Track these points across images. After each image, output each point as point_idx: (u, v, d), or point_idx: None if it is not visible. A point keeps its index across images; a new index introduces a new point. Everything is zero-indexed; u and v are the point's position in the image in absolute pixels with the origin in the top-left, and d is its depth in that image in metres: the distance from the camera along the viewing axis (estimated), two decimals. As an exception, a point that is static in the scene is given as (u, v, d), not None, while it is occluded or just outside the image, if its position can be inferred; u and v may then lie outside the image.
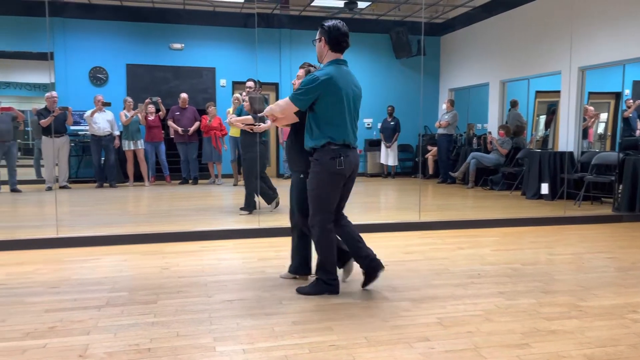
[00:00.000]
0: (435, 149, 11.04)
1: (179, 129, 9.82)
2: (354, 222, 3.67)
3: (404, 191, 9.35)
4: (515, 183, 8.82)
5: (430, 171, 11.40)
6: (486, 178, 9.53)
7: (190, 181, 10.11)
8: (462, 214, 6.61)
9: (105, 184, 9.61)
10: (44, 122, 8.79)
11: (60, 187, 9.14)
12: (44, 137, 8.96)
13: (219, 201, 8.17)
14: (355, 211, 7.00)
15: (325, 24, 3.38)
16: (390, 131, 11.37)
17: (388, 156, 11.48)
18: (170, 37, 10.97)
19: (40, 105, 9.52)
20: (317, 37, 3.42)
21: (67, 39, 10.38)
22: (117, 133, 9.65)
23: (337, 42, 3.37)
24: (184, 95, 10.06)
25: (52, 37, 10.20)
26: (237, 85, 11.34)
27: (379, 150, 11.70)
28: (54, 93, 9.09)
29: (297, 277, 3.79)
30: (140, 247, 4.78)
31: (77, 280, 3.73)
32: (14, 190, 8.68)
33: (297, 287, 3.53)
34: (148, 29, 10.84)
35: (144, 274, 3.92)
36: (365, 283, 3.54)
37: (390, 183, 10.69)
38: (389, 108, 11.49)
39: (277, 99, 11.65)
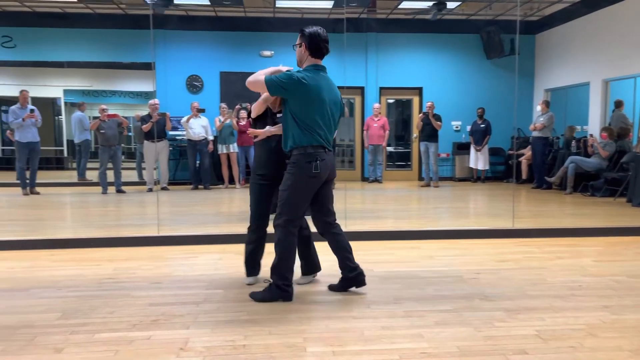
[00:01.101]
0: (529, 152, 10.52)
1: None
2: (441, 228, 3.59)
3: (495, 196, 8.99)
4: (620, 189, 8.19)
5: (524, 176, 10.87)
6: (586, 184, 8.93)
7: (278, 184, 10.35)
8: (559, 221, 6.24)
9: (200, 186, 10.10)
10: (146, 127, 9.42)
11: (161, 189, 9.74)
12: (145, 142, 9.59)
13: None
14: (444, 216, 6.84)
15: (306, 30, 3.41)
16: (480, 134, 10.99)
17: (478, 160, 11.09)
18: (260, 45, 11.34)
19: (142, 112, 10.23)
20: (297, 42, 3.45)
21: (167, 50, 11.06)
22: (211, 138, 10.11)
23: (317, 48, 3.40)
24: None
25: (153, 48, 10.91)
26: (324, 89, 11.48)
27: (468, 153, 11.34)
28: (156, 100, 9.71)
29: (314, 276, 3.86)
30: (235, 247, 4.97)
31: (177, 277, 3.96)
32: (119, 191, 9.36)
33: (250, 293, 3.47)
34: (240, 37, 11.29)
35: (238, 273, 4.08)
36: (337, 288, 3.57)
37: (480, 188, 10.32)
38: (479, 110, 11.11)
39: (362, 103, 11.68)
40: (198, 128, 9.94)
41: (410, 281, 3.85)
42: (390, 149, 11.94)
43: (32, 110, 8.67)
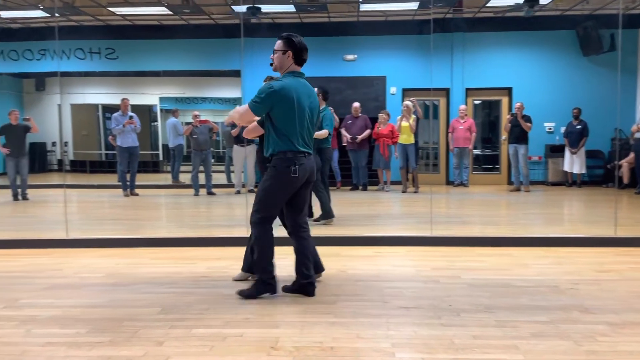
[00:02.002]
0: (632, 155, 9.74)
1: (348, 137, 10.15)
2: (533, 235, 3.42)
3: (594, 202, 8.43)
4: None
5: (625, 180, 10.09)
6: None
7: (360, 187, 10.37)
8: (668, 230, 5.73)
9: (284, 189, 10.31)
10: (234, 132, 9.78)
11: (248, 191, 10.08)
12: (235, 146, 9.97)
13: (389, 208, 8.27)
14: (536, 222, 6.52)
15: (294, 39, 3.51)
16: (576, 135, 10.35)
17: (573, 163, 10.45)
18: (344, 49, 11.43)
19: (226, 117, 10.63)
20: (280, 48, 3.53)
21: (254, 57, 11.44)
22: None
23: (301, 56, 3.53)
24: (356, 104, 10.38)
25: (242, 56, 11.33)
26: (407, 92, 11.36)
27: (562, 156, 10.71)
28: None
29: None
30: (319, 249, 5.00)
31: (265, 277, 4.07)
32: (209, 193, 9.80)
33: (237, 290, 3.57)
34: (324, 42, 11.43)
35: (323, 275, 4.12)
36: (289, 289, 3.61)
37: (576, 193, 9.72)
38: (575, 110, 10.46)
39: (447, 105, 11.42)
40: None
41: (502, 289, 3.70)
42: (476, 151, 11.56)
43: (130, 117, 9.29)
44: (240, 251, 5.03)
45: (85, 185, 11.43)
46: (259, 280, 3.56)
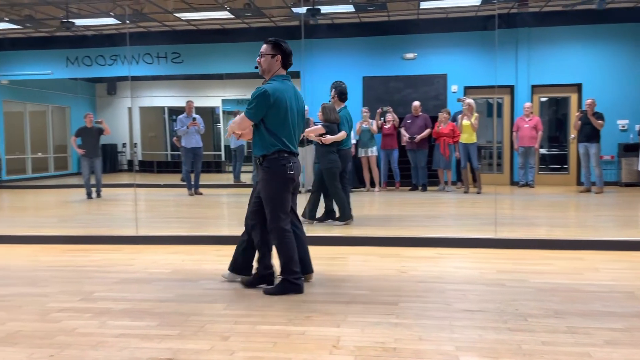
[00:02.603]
0: None
1: (407, 136, 10.03)
2: (606, 238, 3.25)
3: (672, 204, 7.91)
4: None
5: None
6: None
7: (419, 188, 10.23)
8: None
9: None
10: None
11: (306, 191, 10.17)
12: (293, 147, 10.09)
13: (450, 208, 8.10)
14: (608, 225, 6.20)
15: (282, 45, 3.63)
16: (652, 133, 9.74)
17: (649, 163, 9.83)
18: (403, 48, 11.31)
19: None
20: (269, 52, 3.62)
21: (313, 58, 11.54)
22: (353, 142, 10.30)
23: (288, 60, 3.66)
24: (415, 103, 10.25)
25: (298, 56, 11.45)
26: (469, 90, 11.09)
27: (637, 155, 10.10)
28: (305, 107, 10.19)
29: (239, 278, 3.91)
30: (379, 250, 5.01)
31: (325, 276, 4.10)
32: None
33: (264, 289, 3.66)
34: (383, 41, 11.36)
35: (383, 275, 4.10)
36: (252, 283, 3.75)
37: (652, 194, 9.14)
38: (651, 107, 9.85)
39: (512, 102, 11.05)
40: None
41: (572, 294, 3.54)
42: (543, 151, 11.12)
43: (194, 119, 9.60)
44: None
45: (153, 185, 11.92)
46: (285, 280, 3.61)
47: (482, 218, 6.66)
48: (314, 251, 5.04)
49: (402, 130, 10.21)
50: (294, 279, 3.60)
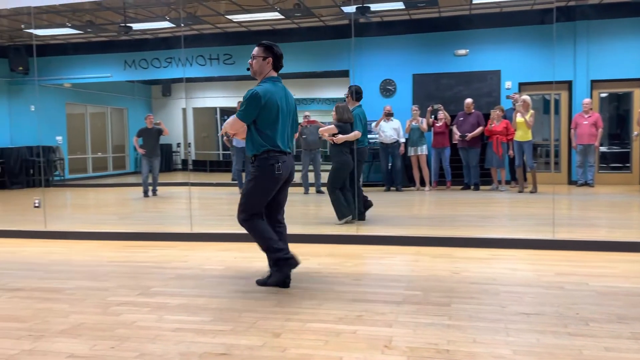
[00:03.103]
0: None
1: (457, 134, 9.83)
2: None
3: None
4: None
5: None
6: None
7: (471, 187, 10.00)
8: None
9: (392, 188, 10.27)
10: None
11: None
12: (342, 145, 10.10)
13: (503, 208, 7.88)
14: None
15: (274, 48, 3.74)
16: None
17: None
18: (454, 44, 11.09)
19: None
20: (260, 54, 3.73)
21: (362, 56, 11.49)
22: (402, 140, 10.20)
23: (279, 62, 3.78)
24: (468, 100, 10.03)
25: (348, 55, 11.43)
26: (524, 86, 10.75)
27: None
28: (351, 106, 10.16)
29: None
30: (430, 250, 4.93)
31: (376, 275, 4.08)
32: (318, 191, 10.01)
33: (256, 280, 3.86)
34: (433, 38, 11.18)
35: (435, 276, 4.04)
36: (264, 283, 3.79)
37: None
38: None
39: (570, 98, 10.62)
40: (389, 131, 10.11)
41: (636, 299, 3.37)
42: (603, 149, 10.63)
43: None
44: (351, 249, 5.10)
45: (206, 184, 12.21)
46: (277, 262, 3.73)
47: (538, 218, 6.44)
48: (362, 250, 5.04)
49: (454, 128, 10.01)
50: (285, 255, 3.73)
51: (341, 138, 5.94)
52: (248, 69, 3.82)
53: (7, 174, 12.28)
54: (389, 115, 10.15)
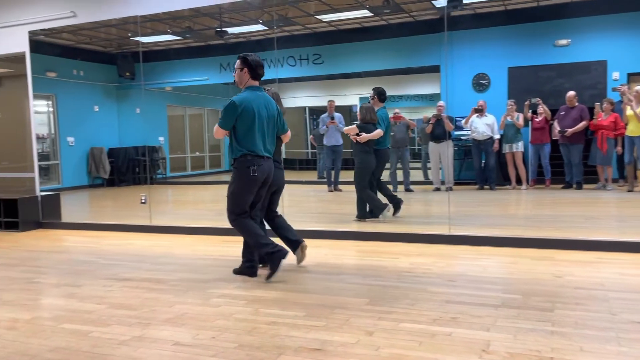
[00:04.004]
0: None
1: (557, 129, 9.24)
2: None
3: None
4: None
5: None
6: None
7: (573, 186, 9.36)
8: None
9: (485, 186, 9.88)
10: (428, 128, 9.74)
11: (447, 189, 9.89)
12: (430, 143, 9.90)
13: (610, 208, 7.32)
14: None
15: (248, 58, 4.00)
16: None
17: None
18: (554, 34, 10.43)
19: (428, 113, 10.57)
20: (238, 66, 4.04)
21: (453, 51, 11.16)
22: (497, 136, 9.78)
23: (256, 71, 4.02)
24: (570, 93, 9.39)
25: (438, 50, 11.15)
26: (634, 77, 9.89)
27: None
28: (442, 102, 9.93)
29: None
30: (529, 252, 4.69)
31: (471, 277, 3.94)
32: (407, 190, 9.86)
33: (233, 270, 4.25)
34: (530, 28, 10.60)
35: (536, 279, 3.83)
36: (269, 276, 4.00)
37: None
38: None
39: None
40: (482, 127, 9.73)
41: None
42: None
43: (332, 118, 9.84)
44: (443, 249, 4.97)
45: (296, 182, 12.47)
46: (267, 256, 3.99)
47: (652, 220, 5.90)
48: (455, 250, 4.89)
49: (555, 123, 9.44)
50: (272, 248, 3.98)
51: (364, 137, 6.15)
52: (234, 82, 4.16)
53: (115, 172, 13.31)
54: (478, 110, 9.79)
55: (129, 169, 13.54)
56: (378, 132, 6.26)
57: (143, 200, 7.37)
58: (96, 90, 13.82)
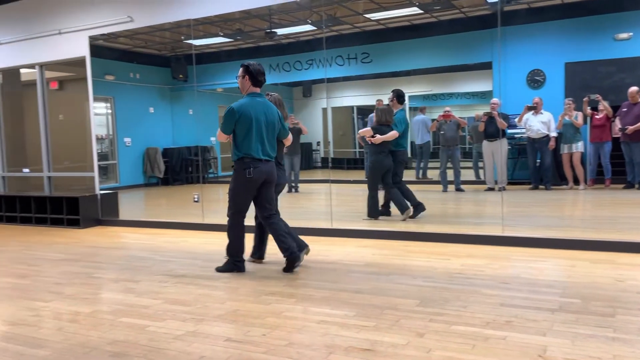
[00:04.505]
0: None
1: (617, 127, 8.81)
2: None
3: None
4: None
5: None
6: None
7: (635, 186, 8.91)
8: None
9: (540, 186, 9.55)
10: (480, 126, 9.51)
11: (499, 189, 9.63)
12: (484, 141, 9.67)
13: (679, 210, 6.92)
14: None
15: (249, 66, 4.28)
16: None
17: None
18: (614, 27, 9.96)
19: (480, 111, 10.32)
20: (240, 74, 4.31)
21: (505, 47, 10.85)
22: (553, 134, 9.43)
23: (256, 79, 4.28)
24: (633, 89, 8.93)
25: (490, 47, 10.87)
26: None
27: None
28: (495, 100, 9.67)
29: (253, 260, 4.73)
30: (588, 254, 4.50)
31: (526, 280, 3.82)
32: (458, 189, 9.66)
33: (215, 267, 4.54)
34: (589, 22, 10.16)
35: (595, 283, 3.67)
36: (286, 270, 4.33)
37: None
38: None
39: None
40: (537, 125, 9.42)
41: None
42: None
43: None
44: (495, 250, 4.85)
45: (344, 181, 12.48)
46: (229, 260, 4.40)
47: None
48: (508, 252, 4.75)
49: (616, 120, 9.01)
50: (236, 260, 4.40)
51: (379, 138, 6.30)
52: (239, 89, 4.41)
53: (170, 171, 13.73)
54: (532, 108, 9.47)
55: (183, 168, 13.95)
56: (392, 134, 6.40)
57: (196, 199, 7.57)
58: (151, 92, 14.32)
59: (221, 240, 5.97)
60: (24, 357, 2.75)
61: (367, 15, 10.82)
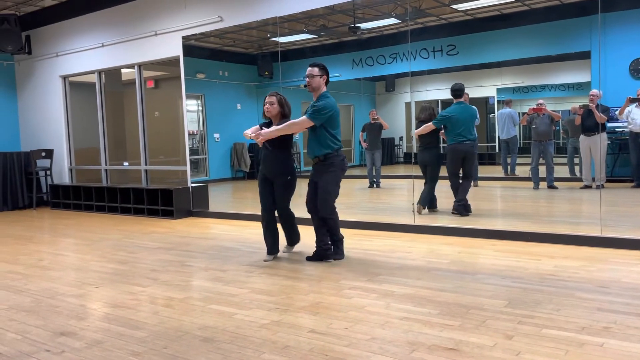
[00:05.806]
0: None
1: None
2: None
3: None
4: None
5: None
6: None
7: None
8: None
9: (644, 184, 8.82)
10: (576, 120, 8.95)
11: (597, 187, 9.01)
12: (581, 136, 9.10)
13: None
14: None
15: (326, 67, 4.58)
16: None
17: None
18: None
19: (576, 104, 9.68)
20: (317, 73, 4.52)
21: (606, 35, 10.09)
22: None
23: (328, 79, 4.66)
24: None
25: (589, 35, 10.16)
26: None
27: None
28: (594, 91, 9.06)
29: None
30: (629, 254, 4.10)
31: (627, 284, 3.55)
32: (550, 186, 9.15)
33: (306, 257, 4.76)
34: None
35: None
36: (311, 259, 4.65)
37: None
38: None
39: None
40: (642, 118, 8.69)
41: None
42: None
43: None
44: (593, 252, 4.54)
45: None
46: (335, 243, 4.66)
47: None
48: (607, 254, 4.43)
49: None
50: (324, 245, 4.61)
51: (416, 132, 6.78)
52: (305, 86, 4.62)
53: (255, 165, 14.16)
54: (636, 100, 8.73)
55: (267, 163, 14.35)
56: (425, 127, 6.84)
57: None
58: (239, 89, 14.82)
59: (303, 232, 6.09)
60: (124, 337, 2.96)
61: (453, 6, 10.50)
